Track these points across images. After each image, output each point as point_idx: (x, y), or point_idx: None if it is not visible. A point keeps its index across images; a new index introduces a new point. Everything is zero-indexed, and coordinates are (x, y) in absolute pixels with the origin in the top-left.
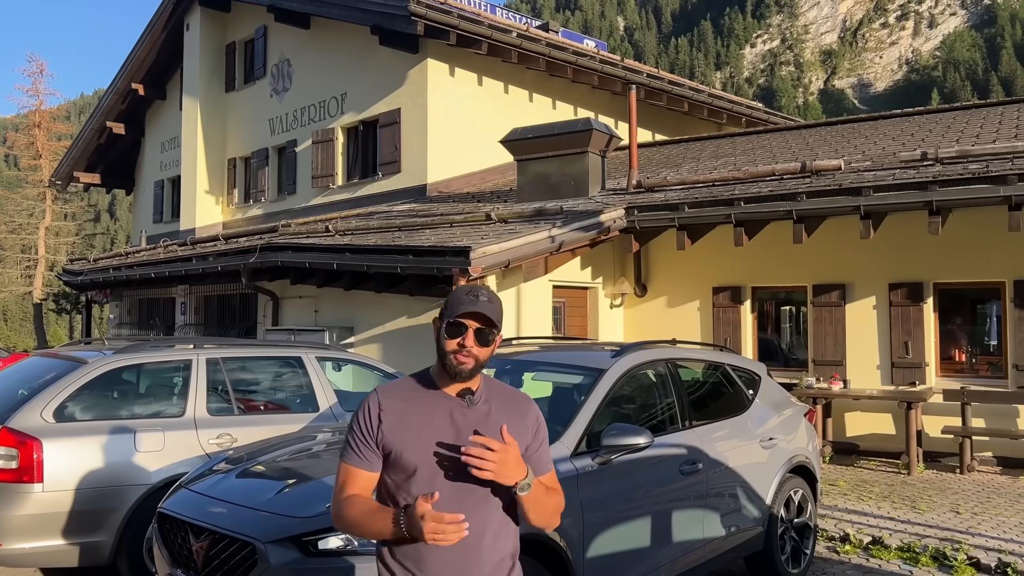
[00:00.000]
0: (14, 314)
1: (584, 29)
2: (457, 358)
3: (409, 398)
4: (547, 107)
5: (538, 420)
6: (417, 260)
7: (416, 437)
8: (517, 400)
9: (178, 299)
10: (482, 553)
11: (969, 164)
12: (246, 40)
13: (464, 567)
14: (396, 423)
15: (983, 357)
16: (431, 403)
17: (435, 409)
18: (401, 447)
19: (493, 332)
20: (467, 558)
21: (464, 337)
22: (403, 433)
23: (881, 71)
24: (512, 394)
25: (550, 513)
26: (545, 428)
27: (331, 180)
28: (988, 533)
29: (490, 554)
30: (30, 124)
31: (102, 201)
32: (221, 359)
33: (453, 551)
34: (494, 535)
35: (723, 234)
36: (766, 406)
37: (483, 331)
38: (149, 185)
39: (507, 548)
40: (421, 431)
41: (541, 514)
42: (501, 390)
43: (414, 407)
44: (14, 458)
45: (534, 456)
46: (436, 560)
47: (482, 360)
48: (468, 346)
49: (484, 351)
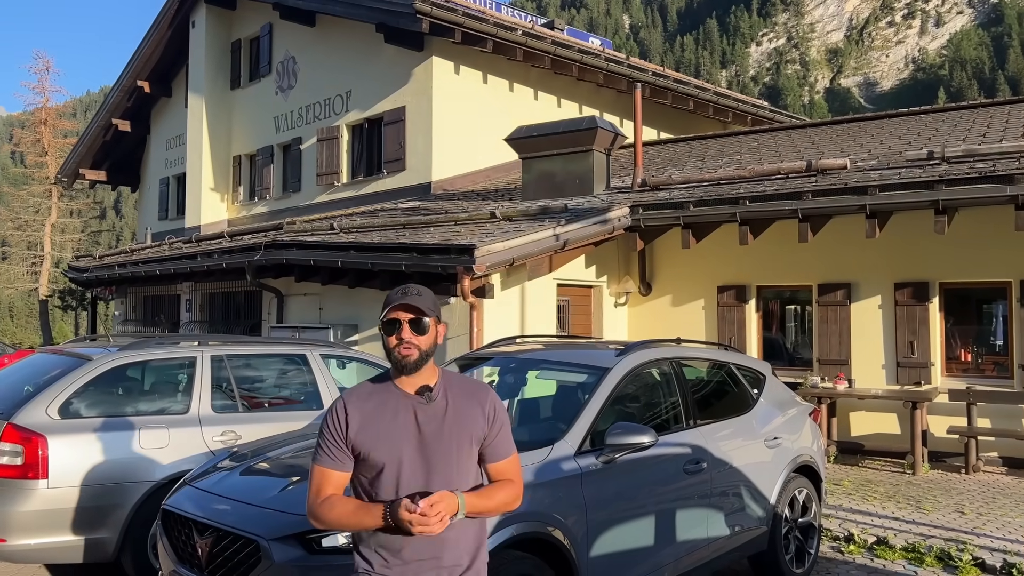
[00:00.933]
0: (20, 310)
1: (589, 27)
2: (400, 351)
3: (372, 400)
4: (552, 105)
5: (495, 408)
6: (421, 258)
7: (382, 437)
8: (474, 391)
9: (183, 296)
10: (452, 538)
11: (976, 163)
12: (251, 38)
13: (436, 551)
14: (362, 425)
15: (989, 357)
16: (393, 403)
17: (397, 408)
18: (368, 447)
19: (426, 320)
20: (439, 543)
21: (400, 331)
22: (369, 434)
23: (887, 70)
24: (469, 384)
25: (501, 505)
26: (504, 415)
27: (336, 178)
28: (993, 534)
29: (456, 539)
30: (36, 121)
31: (108, 198)
32: (226, 356)
33: (427, 539)
34: (461, 523)
35: (728, 233)
36: (771, 405)
37: (416, 320)
38: (154, 182)
39: (478, 536)
40: (386, 431)
41: (491, 512)
42: (459, 382)
43: (377, 408)
44: (19, 454)
45: (492, 443)
46: (412, 547)
47: (425, 349)
48: (406, 338)
49: (424, 339)
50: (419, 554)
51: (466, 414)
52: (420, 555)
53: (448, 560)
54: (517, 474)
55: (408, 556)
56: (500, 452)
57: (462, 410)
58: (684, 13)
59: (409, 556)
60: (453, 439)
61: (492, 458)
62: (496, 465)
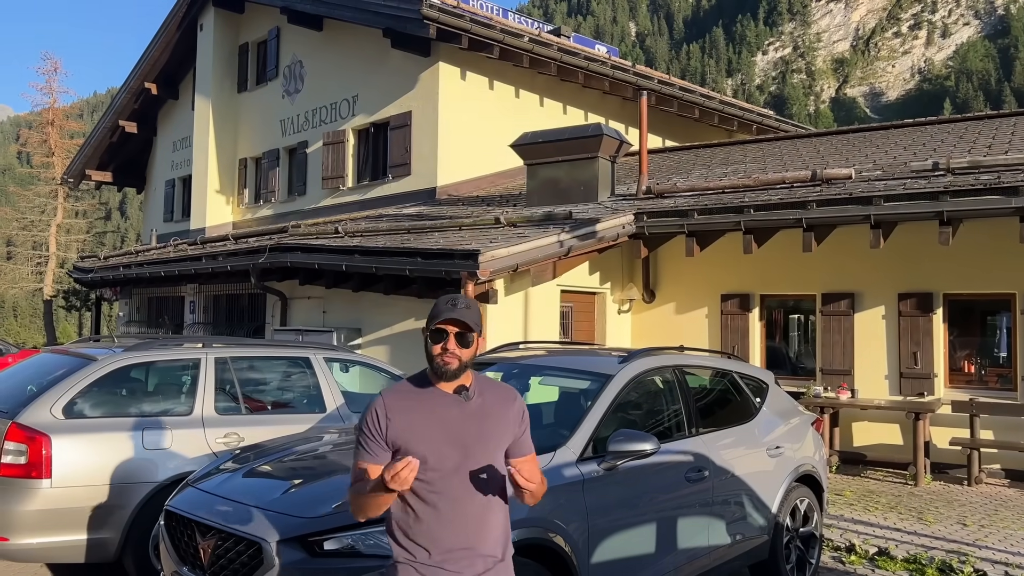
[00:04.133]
0: (24, 310)
1: (596, 34)
2: (442, 360)
3: (411, 397)
4: (558, 112)
5: (523, 411)
6: (426, 263)
7: (421, 431)
8: (505, 393)
9: (187, 298)
10: (487, 528)
11: (981, 175)
12: (259, 41)
13: (472, 540)
14: (401, 420)
15: (992, 369)
16: (431, 400)
17: (435, 405)
18: (405, 441)
19: (471, 335)
20: (475, 533)
21: (446, 341)
22: (409, 428)
23: (893, 80)
24: (500, 388)
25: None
26: (528, 417)
27: (341, 182)
28: (995, 546)
29: (492, 528)
30: (44, 122)
31: (113, 199)
32: (230, 358)
33: (465, 527)
34: (495, 513)
35: (732, 241)
36: (773, 414)
37: (462, 334)
38: (160, 184)
39: (504, 524)
40: (425, 425)
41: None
42: (491, 385)
43: (415, 405)
44: (23, 453)
45: (519, 441)
46: (451, 536)
47: (465, 360)
48: (451, 349)
49: (466, 352)
50: (460, 543)
51: (499, 414)
52: (460, 544)
53: (484, 549)
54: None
55: (448, 545)
56: (525, 449)
57: (495, 410)
58: (690, 21)
59: (449, 545)
60: (487, 436)
61: (519, 452)
62: (523, 459)
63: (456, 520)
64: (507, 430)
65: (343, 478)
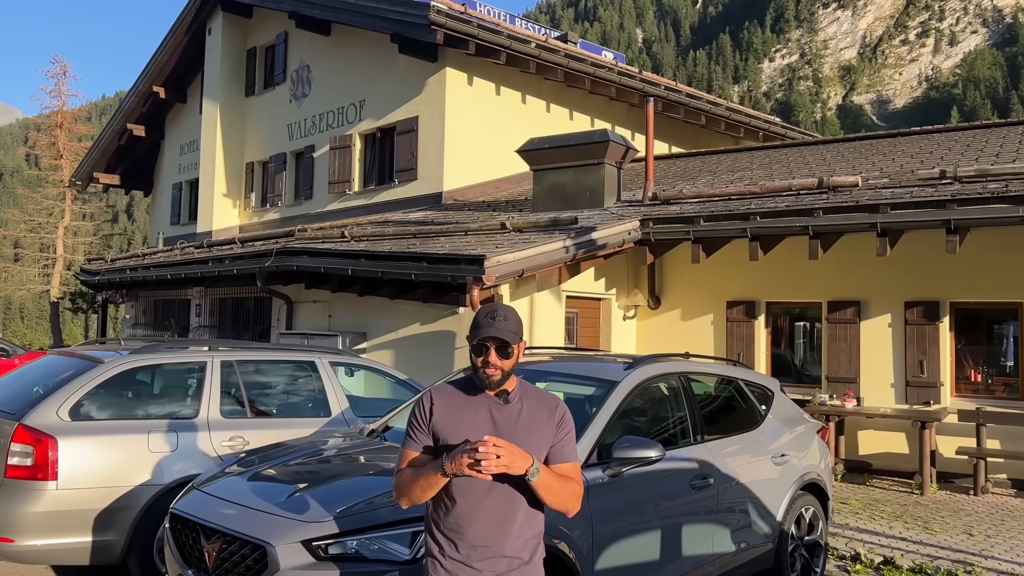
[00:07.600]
0: (31, 312)
1: (602, 41)
2: (485, 372)
3: (456, 396)
4: (564, 118)
5: (564, 417)
6: (431, 267)
7: (461, 429)
8: (546, 401)
9: (193, 301)
10: (513, 529)
11: (988, 183)
12: (267, 46)
13: (495, 539)
14: (444, 415)
15: (999, 378)
16: (474, 403)
17: (478, 407)
18: (447, 434)
19: (511, 347)
20: (499, 533)
21: (487, 355)
22: (450, 424)
23: (900, 88)
24: (542, 396)
25: (565, 497)
26: (571, 423)
27: (348, 186)
28: (1001, 556)
29: (520, 531)
30: (52, 124)
31: (120, 202)
32: (235, 362)
33: (488, 526)
34: (524, 516)
35: (738, 248)
36: (779, 422)
37: (503, 347)
38: (167, 187)
39: (535, 528)
40: (465, 424)
41: (554, 497)
42: (534, 392)
43: (459, 403)
44: (29, 455)
45: (557, 446)
46: (474, 531)
47: (507, 369)
48: (492, 361)
49: (508, 362)
50: (482, 539)
51: (537, 418)
52: (482, 541)
53: (510, 550)
54: (579, 480)
55: (472, 540)
56: (565, 455)
57: (533, 414)
58: (697, 28)
59: (473, 540)
60: (524, 438)
61: (556, 459)
62: (560, 466)
63: (480, 518)
64: (544, 436)
65: (348, 482)
